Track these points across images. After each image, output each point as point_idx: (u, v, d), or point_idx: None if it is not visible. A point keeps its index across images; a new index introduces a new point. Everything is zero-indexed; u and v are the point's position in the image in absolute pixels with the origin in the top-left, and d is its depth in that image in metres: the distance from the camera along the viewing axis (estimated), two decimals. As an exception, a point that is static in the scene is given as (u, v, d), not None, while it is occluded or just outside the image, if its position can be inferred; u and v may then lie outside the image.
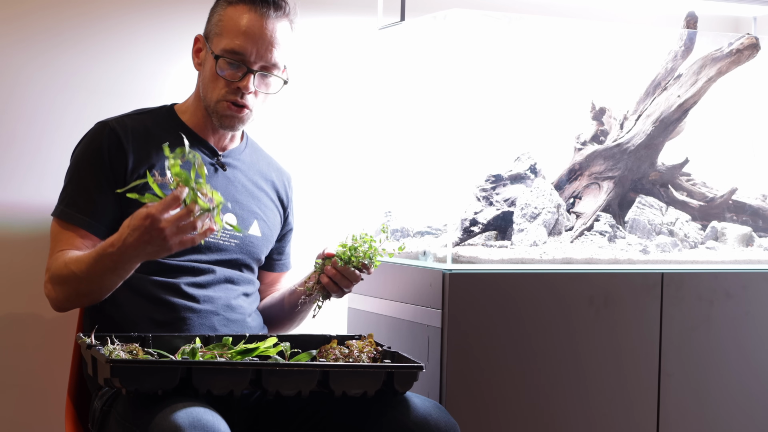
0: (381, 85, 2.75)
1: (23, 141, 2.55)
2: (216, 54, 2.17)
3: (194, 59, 2.26)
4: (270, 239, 2.33)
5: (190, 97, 2.29)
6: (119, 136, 2.17)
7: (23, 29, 2.54)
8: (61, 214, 2.16)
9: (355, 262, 2.13)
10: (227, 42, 2.17)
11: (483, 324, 2.32)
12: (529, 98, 2.73)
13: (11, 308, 2.54)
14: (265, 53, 2.18)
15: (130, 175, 2.15)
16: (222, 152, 2.28)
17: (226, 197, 2.24)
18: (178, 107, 2.30)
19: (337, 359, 2.02)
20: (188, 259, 2.17)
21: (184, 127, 2.25)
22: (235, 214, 2.25)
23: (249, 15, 2.18)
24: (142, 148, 2.18)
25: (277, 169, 2.41)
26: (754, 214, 2.75)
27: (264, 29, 2.18)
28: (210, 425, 1.78)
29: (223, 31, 2.18)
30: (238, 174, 2.29)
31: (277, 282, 2.43)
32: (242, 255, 2.26)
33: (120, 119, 2.22)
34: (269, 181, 2.36)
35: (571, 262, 2.44)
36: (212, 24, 2.22)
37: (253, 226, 2.28)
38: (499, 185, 2.57)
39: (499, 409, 2.34)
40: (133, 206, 2.11)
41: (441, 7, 2.45)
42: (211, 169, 2.25)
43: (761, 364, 2.56)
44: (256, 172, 2.34)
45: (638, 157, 2.64)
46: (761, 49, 2.63)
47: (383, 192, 2.74)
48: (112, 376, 1.82)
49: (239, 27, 2.17)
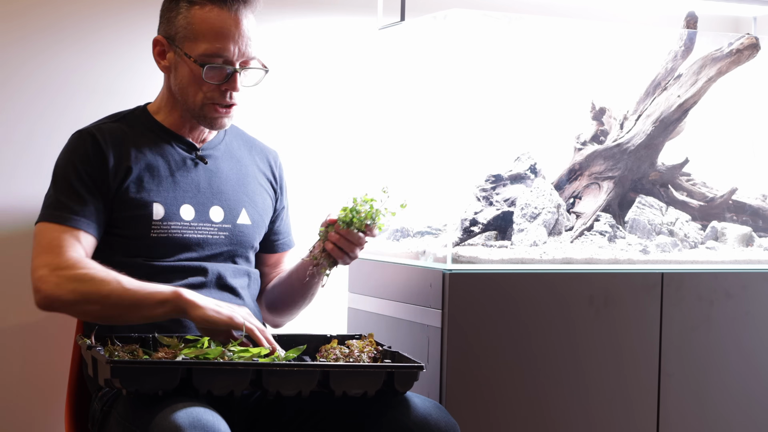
0: (381, 85, 2.75)
1: (22, 140, 2.55)
2: (197, 60, 2.13)
3: (158, 62, 2.21)
4: (261, 224, 2.32)
5: (159, 97, 2.26)
6: (99, 141, 2.16)
7: (22, 27, 2.54)
8: (50, 217, 2.11)
9: (358, 224, 2.13)
10: (206, 46, 2.13)
11: (483, 324, 2.32)
12: (529, 98, 2.73)
13: (11, 308, 2.54)
14: (245, 48, 2.16)
15: (112, 178, 2.14)
16: (201, 145, 2.27)
17: (210, 190, 2.23)
18: (150, 107, 2.27)
19: (337, 359, 2.02)
20: (178, 258, 2.17)
21: (160, 126, 2.23)
22: (221, 206, 2.24)
23: (221, 14, 2.14)
24: (119, 150, 2.17)
25: (261, 150, 2.39)
26: (754, 214, 2.75)
27: (240, 25, 2.15)
28: (210, 425, 1.78)
29: (198, 36, 2.14)
30: (220, 164, 2.27)
31: (281, 262, 2.42)
32: (233, 246, 2.25)
33: (97, 126, 2.20)
34: (255, 163, 2.34)
35: (571, 262, 2.44)
36: (177, 27, 2.16)
37: (241, 214, 2.27)
38: (499, 185, 2.57)
39: (499, 409, 2.34)
40: (120, 211, 2.11)
41: (441, 7, 2.45)
42: (191, 164, 2.24)
43: (761, 364, 2.56)
44: (239, 157, 2.32)
45: (638, 157, 2.64)
46: (761, 49, 2.63)
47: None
48: (112, 377, 1.82)
49: (215, 29, 2.13)
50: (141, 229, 2.15)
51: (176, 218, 2.17)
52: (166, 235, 2.16)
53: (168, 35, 2.18)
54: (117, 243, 2.15)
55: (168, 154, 2.22)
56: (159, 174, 2.18)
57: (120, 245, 2.15)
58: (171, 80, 2.21)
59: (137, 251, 2.15)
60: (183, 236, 2.18)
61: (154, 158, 2.19)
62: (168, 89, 2.23)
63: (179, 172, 2.21)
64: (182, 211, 2.19)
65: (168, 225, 2.16)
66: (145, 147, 2.20)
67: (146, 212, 2.15)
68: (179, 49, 2.16)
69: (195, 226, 2.19)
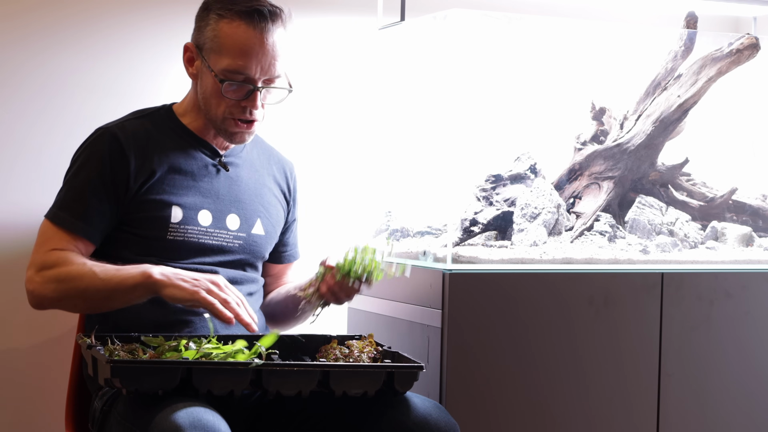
0: (381, 85, 2.75)
1: (21, 141, 2.55)
2: (218, 75, 2.13)
3: (187, 68, 2.21)
4: (273, 236, 2.33)
5: (187, 99, 2.27)
6: (120, 142, 2.15)
7: (21, 27, 2.54)
8: (53, 217, 2.14)
9: (354, 276, 2.11)
10: (229, 62, 2.13)
11: (483, 324, 2.32)
12: (529, 98, 2.73)
13: (11, 308, 2.54)
14: (269, 68, 2.15)
15: (133, 179, 2.14)
16: (224, 152, 2.27)
17: (229, 198, 2.23)
18: (176, 108, 2.27)
19: (337, 359, 2.02)
20: (192, 261, 2.17)
21: (185, 130, 2.24)
22: (238, 215, 2.25)
23: (248, 32, 2.13)
24: (143, 151, 2.17)
25: (279, 161, 2.39)
26: (754, 214, 2.75)
27: (265, 44, 2.13)
28: (210, 425, 1.78)
29: (222, 50, 2.14)
30: (240, 172, 2.28)
31: (284, 273, 2.42)
32: (246, 255, 2.25)
33: (120, 124, 2.20)
34: (271, 174, 2.35)
35: (571, 262, 2.44)
36: (206, 37, 2.16)
37: (256, 225, 2.27)
38: (499, 185, 2.57)
39: (499, 409, 2.34)
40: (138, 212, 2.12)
41: (441, 7, 2.45)
42: (213, 170, 2.24)
43: (761, 364, 2.56)
44: (258, 167, 2.33)
45: (638, 157, 2.64)
46: (761, 49, 2.63)
47: (383, 192, 2.74)
48: (112, 377, 1.82)
49: (239, 46, 2.13)
50: (158, 231, 2.15)
51: (194, 223, 2.18)
52: (182, 238, 2.16)
53: (198, 43, 2.18)
54: (131, 241, 2.15)
55: (191, 158, 2.21)
56: (181, 177, 2.18)
57: (134, 243, 2.15)
58: (197, 87, 2.21)
59: (152, 251, 2.15)
60: (198, 241, 2.18)
61: (177, 161, 2.19)
62: (195, 95, 2.23)
63: (201, 177, 2.21)
64: (200, 217, 2.19)
65: (185, 229, 2.16)
66: (169, 149, 2.19)
67: (165, 214, 2.15)
68: (205, 60, 2.16)
69: (211, 232, 2.20)
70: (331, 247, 2.19)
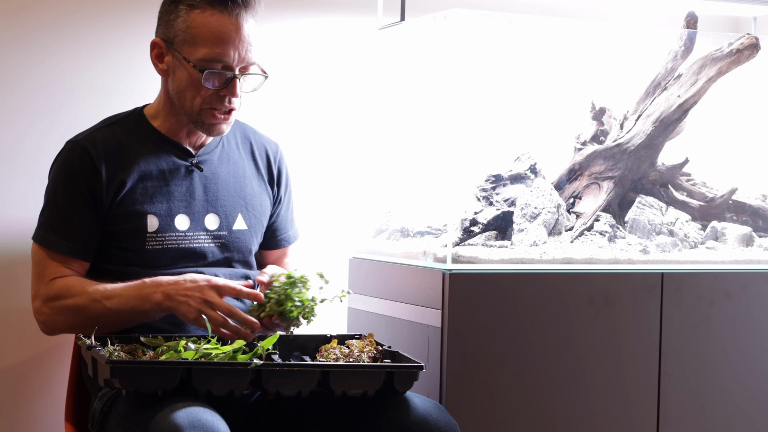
0: (381, 85, 2.75)
1: (19, 140, 2.54)
2: (196, 65, 2.11)
3: (156, 65, 2.18)
4: (258, 227, 2.31)
5: (156, 102, 2.24)
6: (91, 154, 2.14)
7: (20, 25, 2.54)
8: (42, 241, 2.13)
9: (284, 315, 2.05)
10: (206, 51, 2.11)
11: (483, 324, 2.32)
12: (529, 98, 2.73)
13: (11, 309, 2.54)
14: (246, 54, 2.14)
15: (105, 192, 2.13)
16: (197, 151, 2.25)
17: (205, 198, 2.22)
18: (147, 111, 2.25)
19: (337, 359, 2.02)
20: (175, 267, 2.16)
21: (156, 133, 2.21)
22: (217, 213, 2.23)
23: (222, 19, 2.11)
24: (113, 162, 2.15)
25: (261, 143, 2.36)
26: (754, 214, 2.75)
27: (241, 30, 2.12)
28: (210, 425, 1.78)
29: (197, 40, 2.11)
30: (216, 169, 2.25)
31: (284, 256, 2.41)
32: (230, 253, 2.24)
33: (90, 135, 2.18)
34: (252, 162, 2.33)
35: (571, 262, 2.44)
36: (176, 30, 2.13)
37: (237, 220, 2.26)
38: (499, 185, 2.57)
39: (499, 409, 2.34)
40: (115, 224, 2.11)
41: (441, 7, 2.45)
42: (185, 172, 2.21)
43: (761, 364, 2.56)
44: (236, 159, 2.30)
45: (638, 157, 2.64)
46: (761, 49, 2.63)
47: (383, 192, 2.74)
48: (112, 377, 1.81)
49: (215, 34, 2.11)
50: (136, 242, 2.14)
51: (171, 229, 2.17)
52: (161, 246, 2.16)
53: (166, 38, 2.16)
54: (111, 253, 2.16)
55: (163, 162, 2.20)
56: (153, 184, 2.17)
57: (114, 256, 2.16)
58: (169, 84, 2.18)
59: (133, 262, 2.15)
60: (178, 247, 2.17)
61: (148, 167, 2.17)
62: (165, 93, 2.21)
63: (174, 182, 2.19)
64: (177, 222, 2.18)
65: (163, 237, 2.16)
66: (140, 156, 2.18)
67: (140, 225, 2.14)
68: (178, 52, 2.14)
69: (190, 236, 2.19)
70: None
